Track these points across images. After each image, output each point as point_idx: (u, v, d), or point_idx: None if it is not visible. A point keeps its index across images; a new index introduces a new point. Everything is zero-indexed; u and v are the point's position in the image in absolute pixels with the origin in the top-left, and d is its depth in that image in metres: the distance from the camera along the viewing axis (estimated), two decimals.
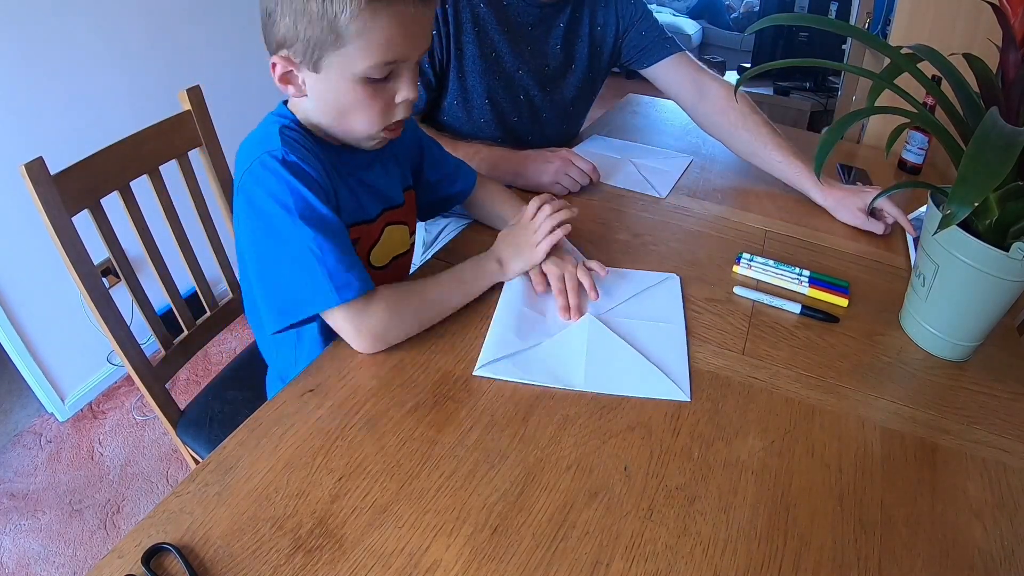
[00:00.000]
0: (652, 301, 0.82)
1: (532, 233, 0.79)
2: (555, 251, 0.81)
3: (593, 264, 0.81)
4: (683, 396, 0.67)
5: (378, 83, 0.66)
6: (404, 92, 0.68)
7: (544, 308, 0.78)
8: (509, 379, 0.68)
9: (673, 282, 0.86)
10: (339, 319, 0.66)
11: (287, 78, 0.66)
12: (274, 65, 0.65)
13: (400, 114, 0.70)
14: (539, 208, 0.82)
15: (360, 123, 0.68)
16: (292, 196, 0.63)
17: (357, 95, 0.66)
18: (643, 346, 0.73)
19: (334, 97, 0.66)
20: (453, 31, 1.02)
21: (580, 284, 0.78)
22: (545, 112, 1.18)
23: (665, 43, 1.20)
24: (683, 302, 0.82)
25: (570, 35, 1.13)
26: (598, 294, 0.78)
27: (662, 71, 1.21)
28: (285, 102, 0.73)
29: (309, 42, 0.62)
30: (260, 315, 0.69)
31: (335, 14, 0.60)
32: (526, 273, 0.81)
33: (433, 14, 0.67)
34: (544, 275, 0.80)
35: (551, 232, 0.79)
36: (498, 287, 0.80)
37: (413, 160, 0.89)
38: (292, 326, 0.66)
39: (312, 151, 0.68)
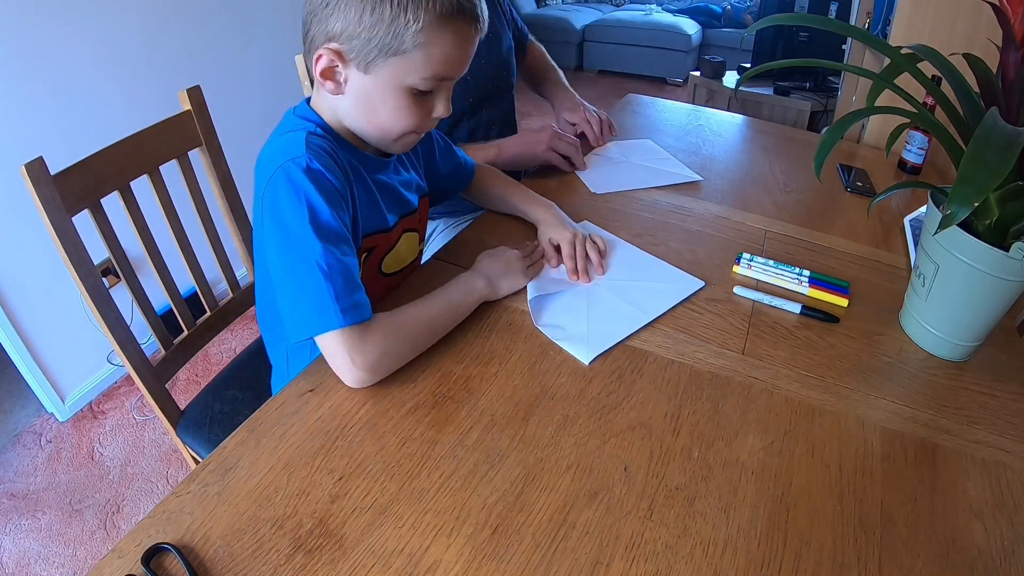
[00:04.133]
0: (653, 289, 0.86)
1: (515, 261, 0.81)
2: (554, 219, 0.91)
3: (596, 240, 0.88)
4: (584, 358, 0.72)
5: (421, 95, 0.67)
6: (441, 109, 0.70)
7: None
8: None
9: (692, 284, 0.87)
10: (334, 345, 0.63)
11: (329, 73, 0.65)
12: (319, 57, 0.64)
13: (431, 126, 0.72)
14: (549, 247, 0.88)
15: (394, 129, 0.69)
16: (309, 208, 0.62)
17: (399, 103, 0.66)
18: (599, 309, 0.80)
19: (376, 100, 0.66)
20: None
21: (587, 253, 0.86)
22: (491, 87, 1.23)
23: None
24: (678, 302, 0.83)
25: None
26: (604, 269, 0.86)
27: None
28: (307, 100, 0.73)
29: (370, 41, 0.62)
30: (272, 315, 0.68)
31: (407, 22, 0.60)
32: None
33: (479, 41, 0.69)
34: (555, 249, 0.87)
35: (528, 267, 0.83)
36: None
37: (426, 156, 0.89)
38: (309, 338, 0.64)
39: (335, 156, 0.68)
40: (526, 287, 0.81)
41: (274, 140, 0.69)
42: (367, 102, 0.67)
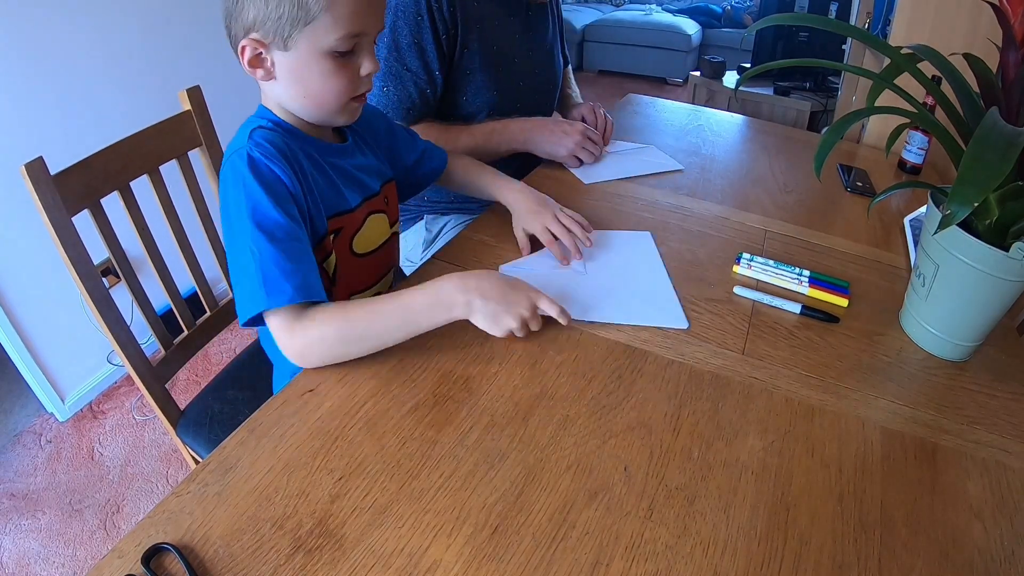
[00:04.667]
0: (631, 256, 0.90)
1: (525, 309, 0.70)
2: (531, 204, 0.92)
3: (576, 217, 0.90)
4: (682, 323, 0.76)
5: (344, 57, 0.69)
6: (368, 65, 0.71)
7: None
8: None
9: (646, 237, 0.94)
10: (272, 325, 0.65)
11: (256, 61, 0.68)
12: (243, 49, 0.67)
13: (365, 86, 0.73)
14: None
15: (330, 97, 0.71)
16: (247, 196, 0.65)
17: (325, 69, 0.68)
18: (631, 291, 0.83)
19: (304, 74, 0.69)
20: (461, 31, 1.08)
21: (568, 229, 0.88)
22: (540, 86, 1.26)
23: None
24: (659, 254, 0.90)
25: (544, 22, 1.23)
26: (591, 242, 0.90)
27: None
28: (261, 104, 0.75)
29: (280, 20, 0.64)
30: None
31: None
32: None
33: None
34: (528, 238, 0.89)
35: (520, 326, 0.70)
36: None
37: (387, 147, 0.91)
38: (254, 322, 0.66)
39: (286, 147, 0.70)
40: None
41: (231, 140, 0.73)
42: (296, 78, 0.69)
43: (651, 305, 0.81)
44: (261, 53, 0.67)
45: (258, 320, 0.66)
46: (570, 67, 1.50)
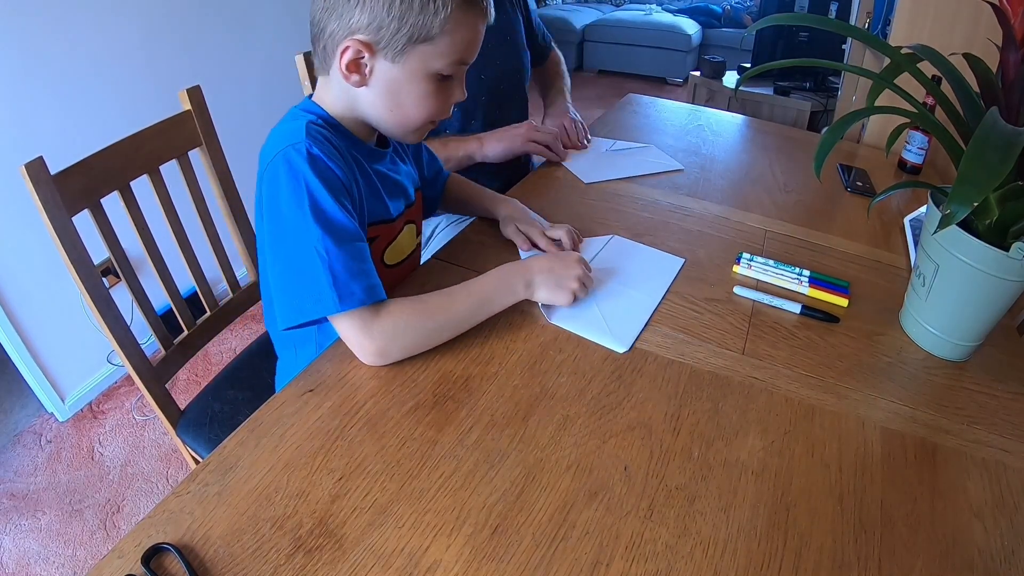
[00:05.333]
0: (642, 273, 0.88)
1: (573, 280, 0.76)
2: (518, 214, 0.93)
3: (561, 234, 0.90)
4: (619, 347, 0.73)
5: (443, 80, 0.69)
6: (459, 93, 0.72)
7: None
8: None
9: (675, 263, 0.92)
10: (344, 327, 0.65)
11: (355, 65, 0.66)
12: (346, 49, 0.65)
13: (448, 114, 0.73)
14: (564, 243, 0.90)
15: (416, 117, 0.70)
16: (309, 194, 0.63)
17: (425, 90, 0.68)
18: (608, 302, 0.81)
19: (403, 88, 0.68)
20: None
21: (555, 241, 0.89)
22: (503, 75, 1.27)
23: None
24: (672, 281, 0.87)
25: (500, 11, 1.24)
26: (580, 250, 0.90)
27: None
28: (309, 97, 0.74)
29: (399, 31, 0.63)
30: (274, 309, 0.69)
31: (436, 9, 0.62)
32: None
33: None
34: (524, 236, 0.90)
35: (580, 286, 0.77)
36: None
37: (417, 157, 0.92)
38: (302, 325, 0.65)
39: (338, 147, 0.69)
40: None
41: (276, 129, 0.70)
42: (393, 91, 0.68)
43: (609, 321, 0.77)
44: (364, 58, 0.65)
45: (305, 323, 0.65)
46: (558, 55, 1.49)
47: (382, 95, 0.68)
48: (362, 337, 0.65)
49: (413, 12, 0.62)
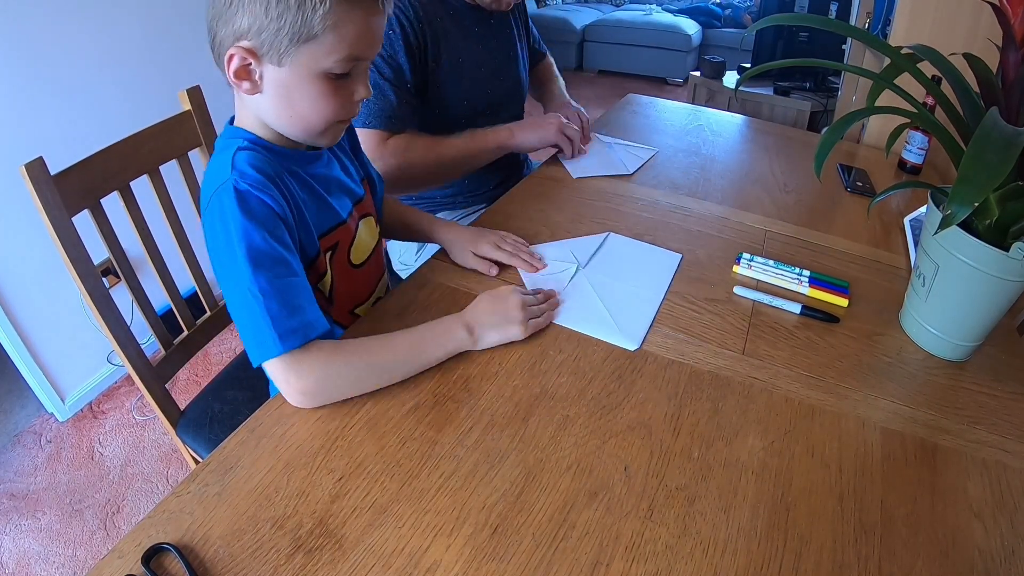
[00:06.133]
0: (642, 270, 0.89)
1: (516, 309, 0.74)
2: (472, 237, 0.90)
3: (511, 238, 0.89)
4: (630, 345, 0.73)
5: (339, 79, 0.66)
6: (362, 90, 0.68)
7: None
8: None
9: (674, 258, 0.92)
10: (272, 367, 0.62)
11: (243, 72, 0.64)
12: (231, 57, 0.63)
13: (354, 111, 0.70)
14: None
15: (317, 120, 0.67)
16: (240, 237, 0.61)
17: (318, 90, 0.65)
18: (613, 300, 0.82)
19: (294, 92, 0.65)
20: (430, 48, 1.10)
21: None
22: (506, 89, 1.29)
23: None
24: (673, 277, 0.88)
25: (505, 28, 1.26)
26: (536, 267, 0.88)
27: None
28: (231, 121, 0.71)
29: (279, 32, 0.60)
30: None
31: (314, 5, 0.59)
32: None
33: (386, 20, 0.68)
34: (488, 261, 0.87)
35: (532, 319, 0.75)
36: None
37: (351, 147, 0.88)
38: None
39: (267, 170, 0.66)
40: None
41: (209, 165, 0.68)
42: (286, 95, 0.65)
43: (617, 319, 0.78)
44: (251, 64, 0.63)
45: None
46: (550, 60, 1.51)
47: (276, 100, 0.66)
48: (289, 376, 0.61)
49: (291, 11, 0.59)
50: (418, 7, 1.06)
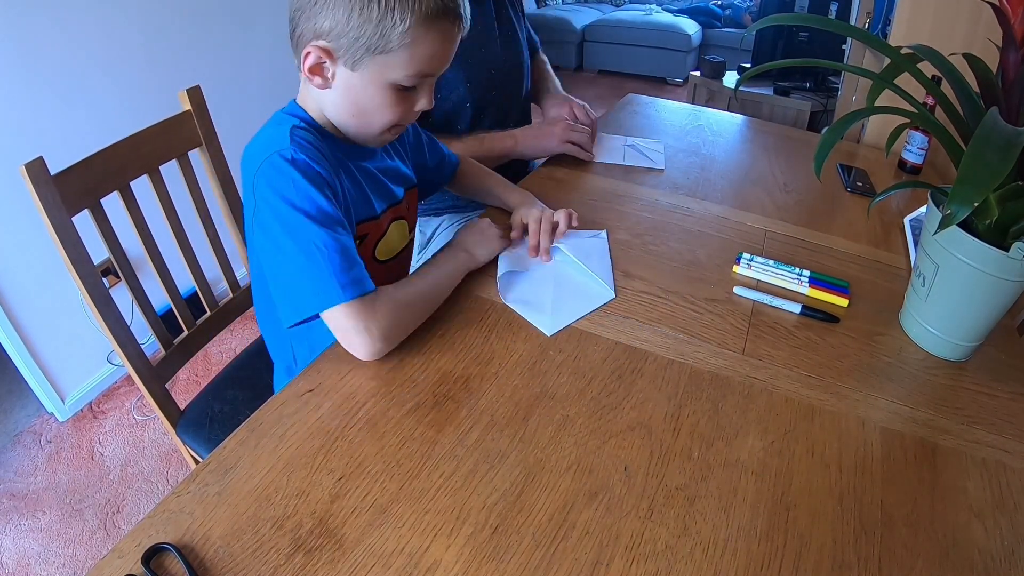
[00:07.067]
0: (586, 251, 0.91)
1: (483, 229, 0.87)
2: (527, 202, 0.95)
3: (561, 217, 0.91)
4: (547, 330, 0.75)
5: (405, 91, 0.69)
6: (424, 103, 0.71)
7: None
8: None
9: (601, 237, 0.96)
10: (343, 318, 0.65)
11: (318, 69, 0.67)
12: (308, 54, 0.65)
13: (413, 119, 0.74)
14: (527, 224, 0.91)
15: (378, 123, 0.71)
16: (300, 195, 0.64)
17: (384, 99, 0.68)
18: (566, 289, 0.84)
19: (362, 95, 0.68)
20: None
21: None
22: (508, 69, 1.28)
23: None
24: (608, 249, 0.92)
25: (502, 11, 1.26)
26: (548, 257, 0.91)
27: None
28: (295, 99, 0.74)
29: (357, 40, 0.63)
30: (271, 311, 0.69)
31: (394, 22, 0.62)
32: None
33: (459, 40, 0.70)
34: (521, 224, 0.91)
35: (496, 233, 0.87)
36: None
37: (414, 149, 0.92)
38: (303, 321, 0.66)
39: (321, 149, 0.69)
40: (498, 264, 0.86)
41: (260, 134, 0.71)
42: (353, 97, 0.69)
43: (555, 305, 0.80)
44: (325, 63, 0.66)
45: (308, 319, 0.66)
46: (543, 57, 1.51)
47: (343, 99, 0.69)
48: (369, 324, 0.65)
49: (371, 23, 0.62)
50: None
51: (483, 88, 1.20)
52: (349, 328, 0.65)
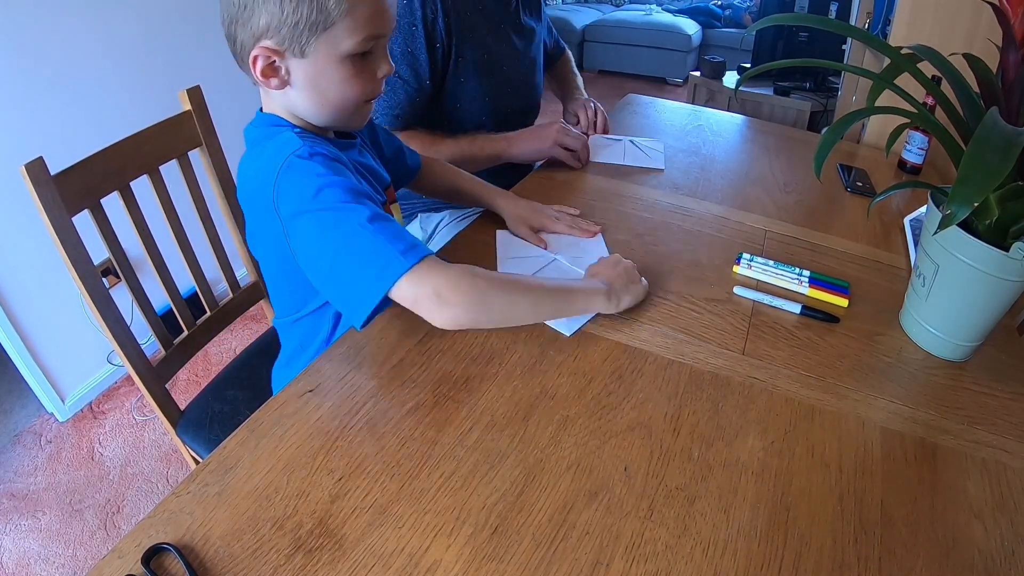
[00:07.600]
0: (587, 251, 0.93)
1: (626, 270, 0.80)
2: (528, 210, 0.96)
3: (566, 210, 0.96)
4: (566, 331, 0.75)
5: (362, 59, 0.68)
6: (384, 66, 0.71)
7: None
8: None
9: (598, 238, 0.97)
10: (409, 287, 0.61)
11: (270, 70, 0.66)
12: (255, 59, 0.65)
13: (380, 88, 0.72)
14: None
15: (348, 101, 0.70)
16: (333, 184, 0.63)
17: (344, 74, 0.67)
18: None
19: (322, 79, 0.67)
20: (455, 41, 1.09)
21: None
22: (528, 89, 1.29)
23: None
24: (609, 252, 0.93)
25: (532, 31, 1.26)
26: (592, 232, 0.95)
27: None
28: (259, 110, 0.73)
29: (297, 26, 0.62)
30: (290, 301, 0.73)
31: None
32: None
33: None
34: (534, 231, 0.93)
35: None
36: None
37: (371, 139, 0.91)
38: (375, 313, 0.63)
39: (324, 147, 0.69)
40: None
41: (261, 149, 0.69)
42: (314, 84, 0.68)
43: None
44: (275, 62, 0.65)
45: (380, 304, 0.63)
46: (569, 55, 1.53)
47: (306, 91, 0.68)
48: (439, 288, 0.61)
49: (305, 3, 0.61)
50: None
51: (500, 104, 1.20)
52: (419, 296, 0.62)
